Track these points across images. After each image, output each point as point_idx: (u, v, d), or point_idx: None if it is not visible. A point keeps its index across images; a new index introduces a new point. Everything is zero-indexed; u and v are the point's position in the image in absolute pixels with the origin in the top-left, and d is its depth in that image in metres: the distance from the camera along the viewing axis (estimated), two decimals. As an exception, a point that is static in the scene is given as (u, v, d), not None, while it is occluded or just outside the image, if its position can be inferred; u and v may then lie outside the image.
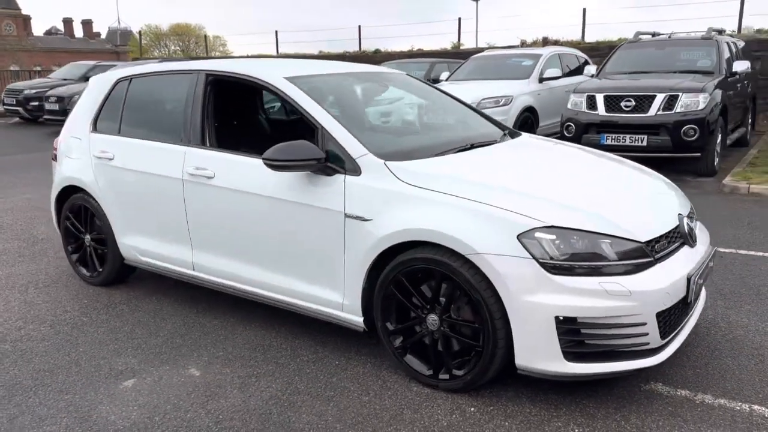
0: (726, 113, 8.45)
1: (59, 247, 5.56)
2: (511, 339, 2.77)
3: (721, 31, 9.91)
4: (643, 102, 8.02)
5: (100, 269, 4.56)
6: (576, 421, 2.75)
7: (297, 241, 3.36)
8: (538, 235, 2.70)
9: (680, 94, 7.84)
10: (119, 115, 4.34)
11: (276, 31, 21.62)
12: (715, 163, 8.20)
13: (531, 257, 2.67)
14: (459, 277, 2.81)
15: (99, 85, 4.59)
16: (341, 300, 3.26)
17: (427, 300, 3.00)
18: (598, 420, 2.75)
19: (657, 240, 2.87)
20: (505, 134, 4.10)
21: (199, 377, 3.24)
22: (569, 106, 8.73)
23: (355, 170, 3.16)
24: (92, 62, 18.82)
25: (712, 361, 3.24)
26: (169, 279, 4.62)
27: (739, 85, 9.34)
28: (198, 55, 41.76)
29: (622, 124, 8.14)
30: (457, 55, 16.49)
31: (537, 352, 2.71)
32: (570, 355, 2.70)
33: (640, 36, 10.15)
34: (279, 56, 20.66)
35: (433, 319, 2.97)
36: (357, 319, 3.24)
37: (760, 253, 4.96)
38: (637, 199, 3.24)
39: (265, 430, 2.75)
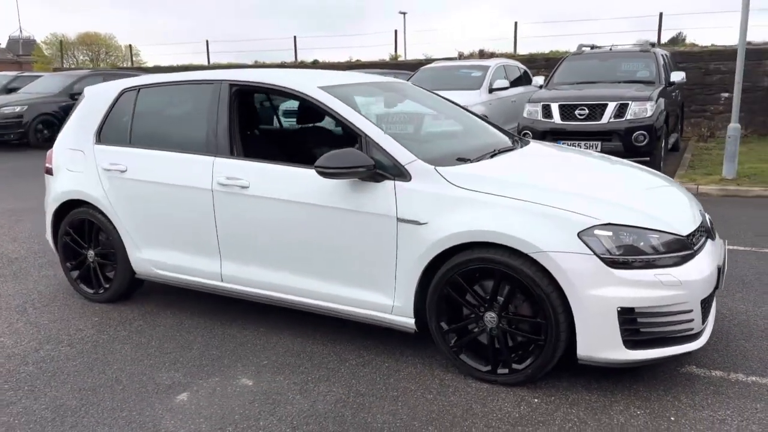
0: (668, 120, 9.11)
1: (40, 265, 5.33)
2: (571, 332, 2.95)
3: (653, 44, 10.66)
4: (596, 110, 8.52)
5: (107, 285, 4.40)
6: (634, 404, 2.96)
7: (343, 247, 3.41)
8: (597, 232, 2.89)
9: (630, 102, 8.39)
10: (128, 126, 4.23)
11: (207, 41, 21.26)
12: (661, 167, 8.80)
13: (592, 253, 2.86)
14: (520, 274, 2.96)
15: (99, 96, 4.45)
16: (391, 303, 3.34)
17: (483, 298, 3.13)
18: (653, 402, 2.97)
19: (693, 234, 3.14)
20: (515, 141, 4.30)
21: (254, 386, 3.22)
22: (525, 115, 9.14)
23: (404, 176, 3.25)
24: (12, 73, 17.88)
25: (730, 344, 3.55)
26: (176, 292, 4.55)
27: (673, 94, 10.08)
28: (113, 64, 40.17)
29: (577, 131, 8.61)
30: (397, 66, 16.81)
31: (600, 342, 2.90)
32: (629, 344, 2.90)
33: (583, 48, 10.76)
34: (212, 67, 20.29)
35: (491, 316, 3.11)
36: (408, 320, 3.32)
37: (732, 247, 5.41)
38: (665, 197, 3.51)
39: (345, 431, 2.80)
